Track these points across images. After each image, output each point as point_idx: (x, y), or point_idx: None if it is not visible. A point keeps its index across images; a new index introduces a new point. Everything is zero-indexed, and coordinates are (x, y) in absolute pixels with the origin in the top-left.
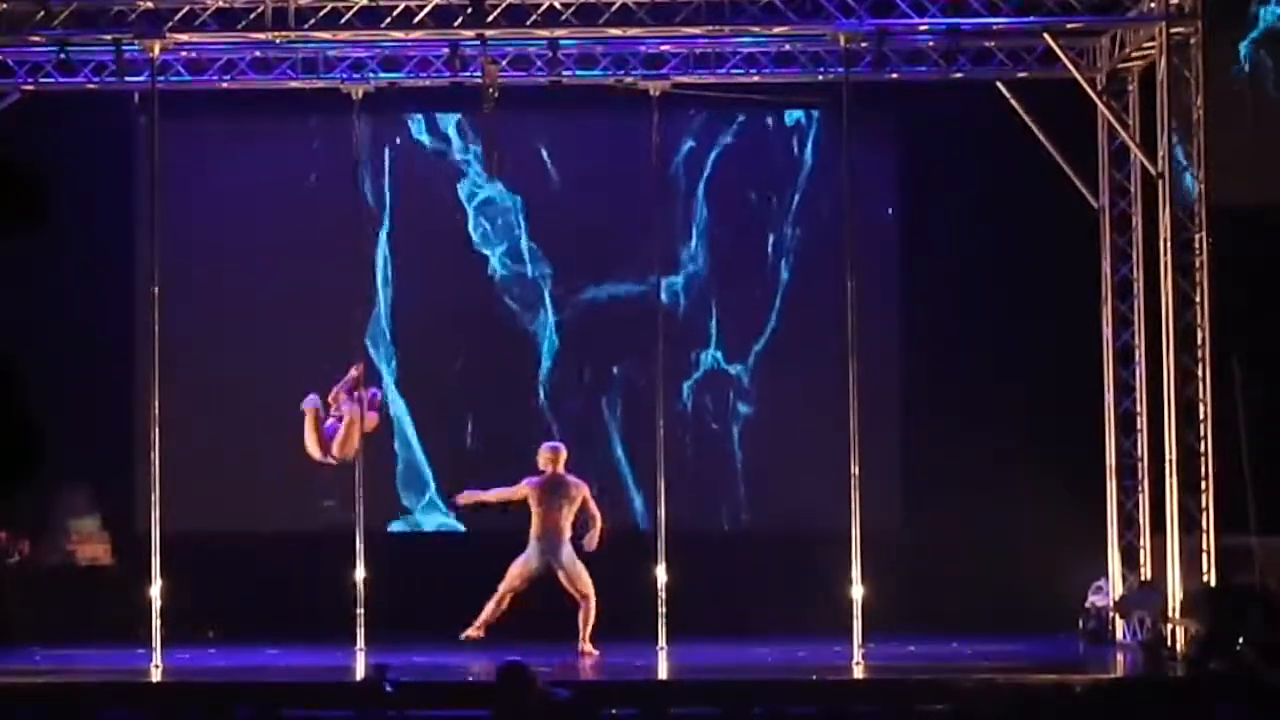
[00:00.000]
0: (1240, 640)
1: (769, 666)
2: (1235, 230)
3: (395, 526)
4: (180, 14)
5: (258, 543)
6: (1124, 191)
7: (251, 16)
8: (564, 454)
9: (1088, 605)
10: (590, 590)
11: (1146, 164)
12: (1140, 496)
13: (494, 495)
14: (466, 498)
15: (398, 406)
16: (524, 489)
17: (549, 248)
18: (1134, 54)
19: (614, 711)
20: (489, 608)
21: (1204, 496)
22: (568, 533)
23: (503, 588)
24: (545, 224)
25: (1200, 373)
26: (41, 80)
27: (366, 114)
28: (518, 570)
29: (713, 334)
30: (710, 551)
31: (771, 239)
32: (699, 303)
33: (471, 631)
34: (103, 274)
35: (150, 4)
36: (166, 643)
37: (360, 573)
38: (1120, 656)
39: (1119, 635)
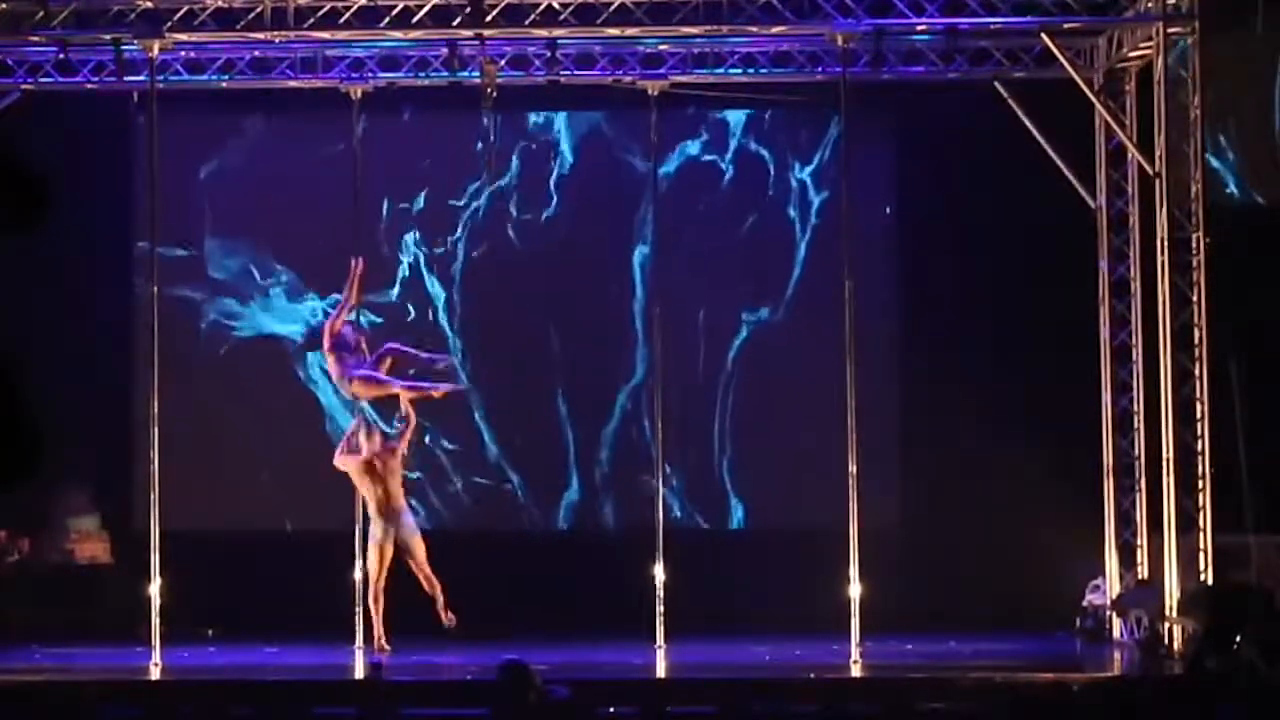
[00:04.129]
0: (1237, 639)
1: (767, 665)
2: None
3: None
4: (179, 14)
5: (257, 542)
6: (1121, 191)
7: (250, 16)
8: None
9: (1085, 604)
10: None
11: (1144, 163)
12: (1137, 495)
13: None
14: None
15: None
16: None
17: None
18: (1131, 54)
19: (612, 710)
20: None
21: (1201, 495)
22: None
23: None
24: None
25: (1198, 372)
26: (41, 80)
27: (366, 113)
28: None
29: (711, 333)
30: (709, 550)
31: (770, 238)
32: (698, 300)
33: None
34: (103, 274)
35: (149, 4)
36: (166, 641)
37: (359, 572)
38: (1117, 655)
39: (1116, 634)
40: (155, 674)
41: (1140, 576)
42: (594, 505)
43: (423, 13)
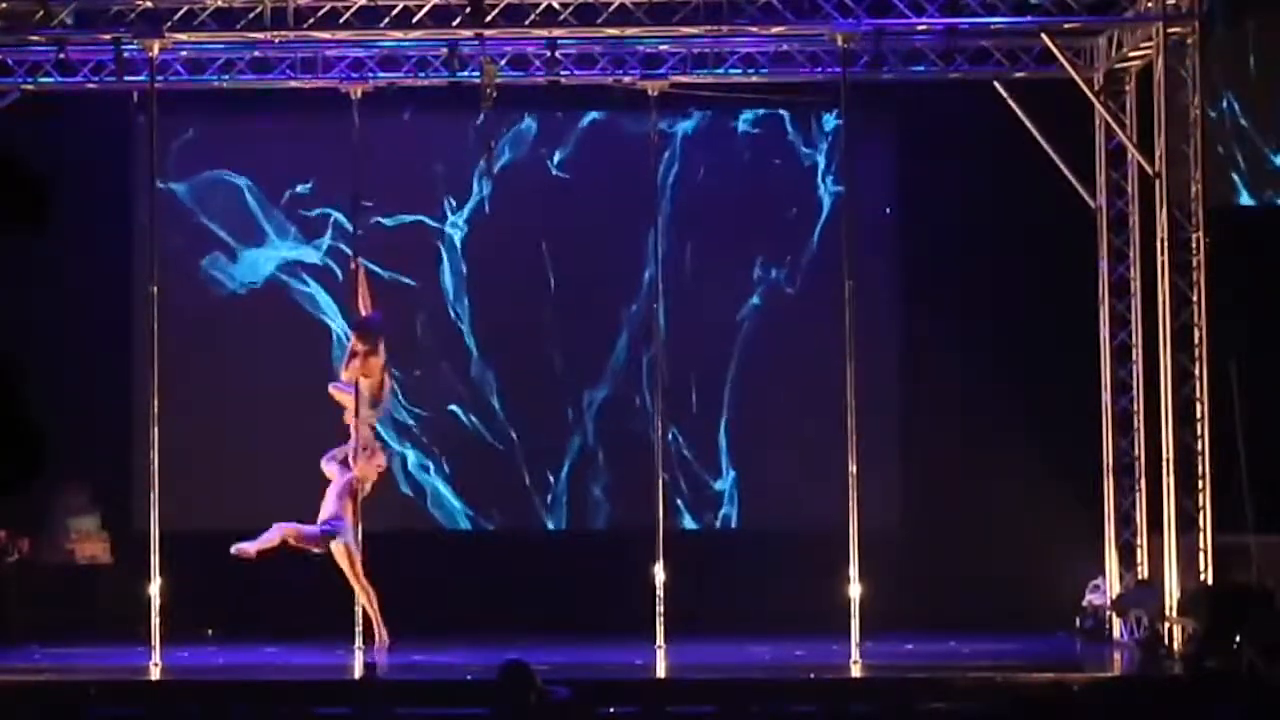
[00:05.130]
0: (1237, 639)
1: (767, 665)
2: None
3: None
4: (179, 13)
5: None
6: (1121, 191)
7: (250, 16)
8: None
9: (1085, 604)
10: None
11: (1144, 164)
12: (1137, 495)
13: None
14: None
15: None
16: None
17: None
18: (1131, 54)
19: (613, 710)
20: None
21: (1201, 495)
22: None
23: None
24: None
25: (1198, 372)
26: (41, 79)
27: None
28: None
29: (708, 331)
30: (709, 550)
31: (769, 237)
32: (698, 298)
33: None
34: (102, 274)
35: (149, 3)
36: (165, 641)
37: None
38: (1117, 655)
39: (1116, 634)
40: (155, 674)
41: (1140, 576)
42: (591, 491)
43: (423, 13)
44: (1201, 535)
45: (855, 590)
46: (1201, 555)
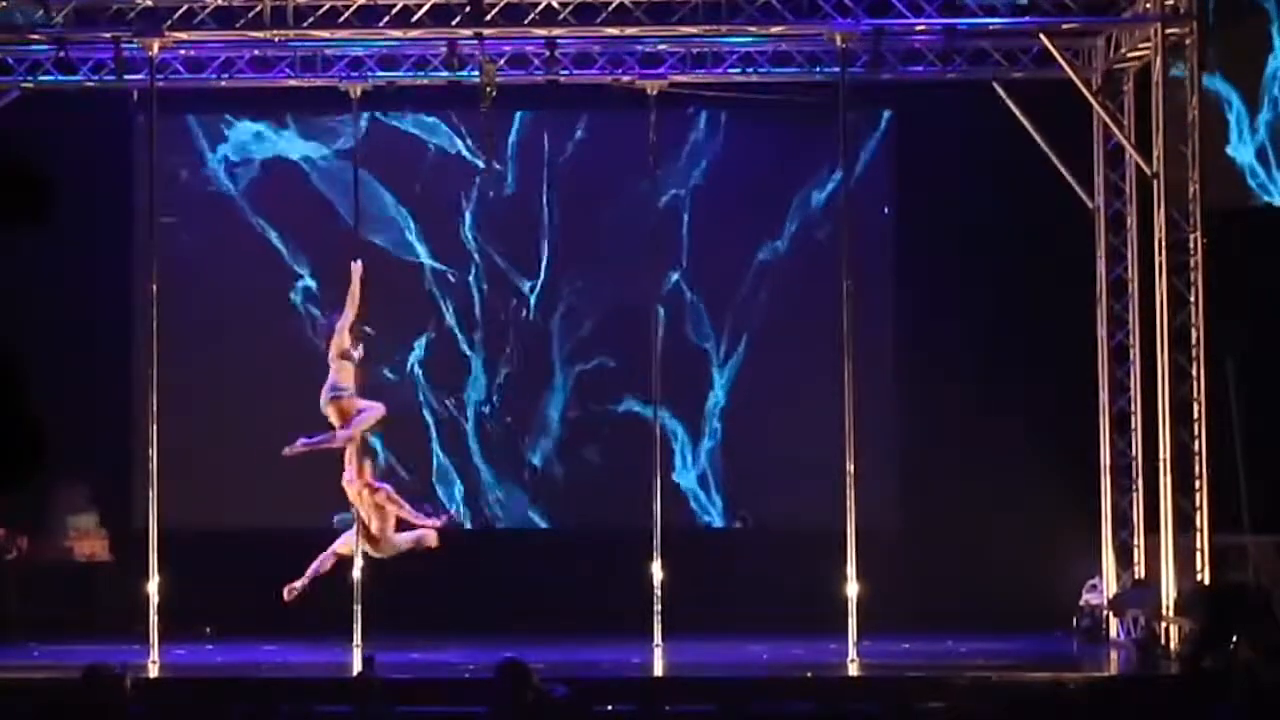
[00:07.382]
0: (1234, 639)
1: (765, 664)
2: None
3: None
4: (179, 12)
5: (256, 539)
6: (1119, 192)
7: (250, 15)
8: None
9: (1082, 603)
10: None
11: (1142, 164)
12: (1135, 495)
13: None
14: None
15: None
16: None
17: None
18: (1129, 54)
19: (610, 708)
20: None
21: (1198, 495)
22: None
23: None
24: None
25: (1195, 372)
26: (41, 78)
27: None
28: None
29: (709, 330)
30: (707, 549)
31: (770, 237)
32: (698, 297)
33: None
34: (102, 272)
35: (149, 2)
36: (164, 639)
37: (358, 570)
38: (1115, 655)
39: (1113, 633)
40: (154, 672)
41: (1137, 576)
42: (590, 491)
43: (422, 11)
44: (1198, 535)
45: (853, 590)
46: (1198, 555)
